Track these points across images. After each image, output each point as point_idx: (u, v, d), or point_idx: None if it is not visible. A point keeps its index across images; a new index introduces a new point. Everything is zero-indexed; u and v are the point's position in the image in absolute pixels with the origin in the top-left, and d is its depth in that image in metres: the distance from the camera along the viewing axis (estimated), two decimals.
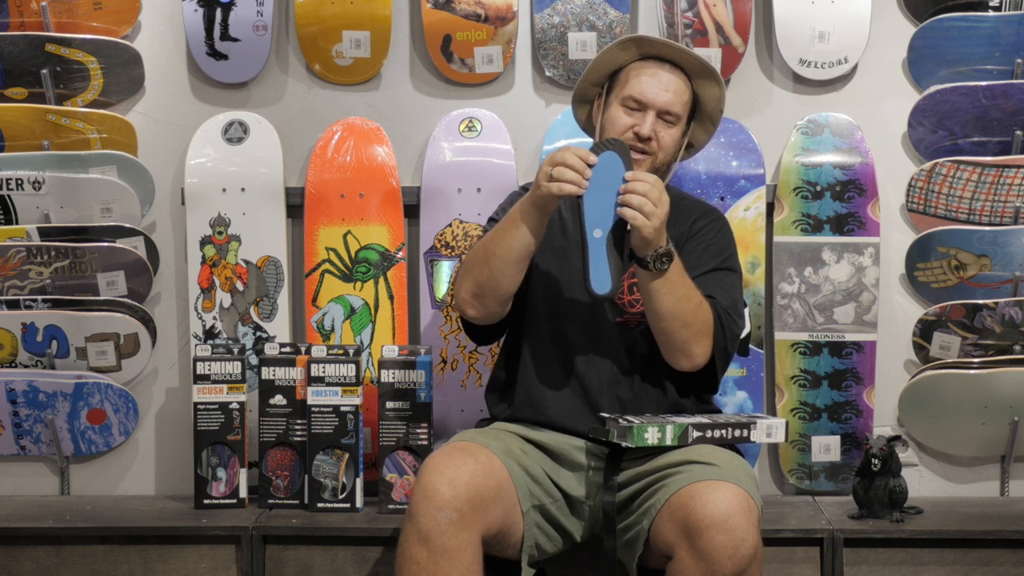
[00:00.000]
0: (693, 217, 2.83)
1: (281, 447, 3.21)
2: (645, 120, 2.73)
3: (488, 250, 2.65)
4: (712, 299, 2.69)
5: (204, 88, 3.46)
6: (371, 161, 3.38)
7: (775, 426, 2.72)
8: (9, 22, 3.37)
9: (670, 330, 2.63)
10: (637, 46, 2.79)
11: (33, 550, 3.07)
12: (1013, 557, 3.00)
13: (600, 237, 2.53)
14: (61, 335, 3.34)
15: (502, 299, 2.70)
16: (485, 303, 2.70)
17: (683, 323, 2.62)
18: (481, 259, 2.67)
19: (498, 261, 2.63)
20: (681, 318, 2.61)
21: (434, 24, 3.39)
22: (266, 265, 3.39)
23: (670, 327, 2.63)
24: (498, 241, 2.64)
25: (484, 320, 2.75)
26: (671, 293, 2.59)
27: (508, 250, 2.62)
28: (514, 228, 2.61)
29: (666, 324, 2.63)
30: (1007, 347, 3.31)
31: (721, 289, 2.74)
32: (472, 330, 2.83)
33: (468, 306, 2.72)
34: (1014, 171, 3.29)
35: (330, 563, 3.03)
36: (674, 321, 2.62)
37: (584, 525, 2.73)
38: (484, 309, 2.72)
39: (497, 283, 2.66)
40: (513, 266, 2.64)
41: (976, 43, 3.31)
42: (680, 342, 2.65)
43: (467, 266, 2.72)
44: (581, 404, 2.74)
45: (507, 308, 2.74)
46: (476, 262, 2.68)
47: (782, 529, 2.99)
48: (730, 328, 2.70)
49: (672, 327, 2.63)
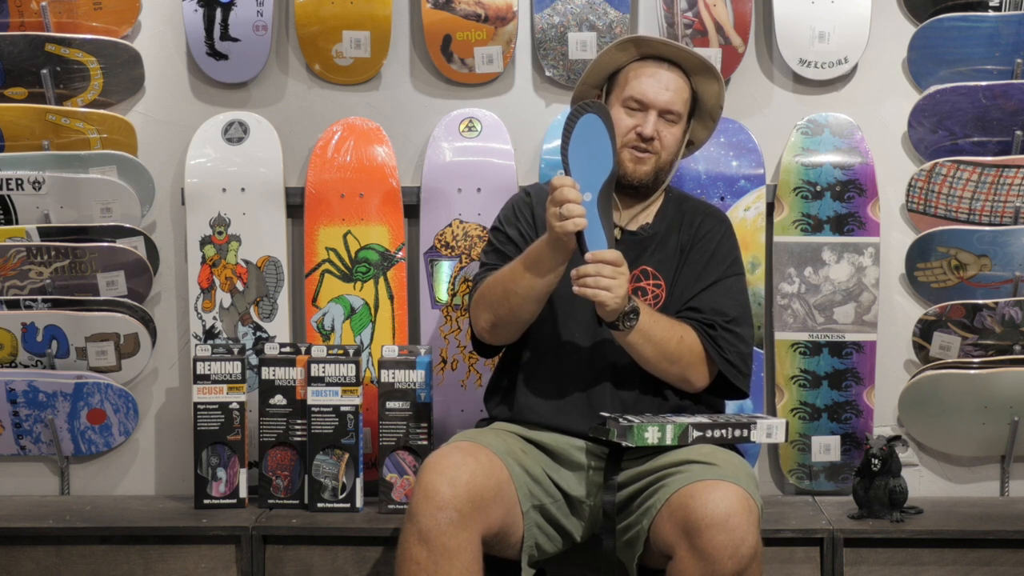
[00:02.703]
0: (696, 221, 2.84)
1: (281, 447, 3.21)
2: (647, 120, 2.73)
3: (509, 289, 2.67)
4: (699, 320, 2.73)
5: (204, 88, 3.46)
6: (371, 161, 3.38)
7: (775, 426, 2.72)
8: (9, 22, 3.37)
9: (661, 371, 2.71)
10: (636, 46, 2.79)
11: (33, 550, 3.07)
12: (1013, 557, 3.00)
13: (591, 200, 2.57)
14: (61, 335, 3.34)
15: (522, 329, 2.75)
16: (503, 334, 2.76)
17: (670, 361, 2.68)
18: (500, 296, 2.69)
19: (519, 299, 2.67)
20: (667, 358, 2.68)
21: (434, 24, 3.39)
22: (266, 265, 3.39)
23: (659, 369, 2.70)
24: (519, 281, 2.65)
25: (500, 344, 2.80)
26: (648, 342, 2.65)
27: (530, 290, 2.65)
28: (534, 272, 2.63)
29: (654, 367, 2.70)
30: (1007, 347, 3.31)
31: (729, 299, 2.77)
32: (480, 347, 2.86)
33: (486, 334, 2.77)
34: (1014, 171, 3.29)
35: (330, 563, 3.03)
36: (660, 363, 2.69)
37: (584, 525, 2.73)
38: (502, 338, 2.77)
39: (517, 318, 2.70)
40: (535, 304, 2.68)
41: (976, 43, 3.31)
42: (675, 377, 2.72)
43: (485, 300, 2.73)
44: (582, 405, 2.74)
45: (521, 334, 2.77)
46: (496, 299, 2.70)
47: (782, 529, 2.99)
48: (728, 343, 2.73)
49: (661, 368, 2.70)
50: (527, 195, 2.89)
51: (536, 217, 2.82)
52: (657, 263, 2.79)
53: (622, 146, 2.73)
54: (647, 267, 2.79)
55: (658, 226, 2.83)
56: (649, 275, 2.79)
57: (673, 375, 2.71)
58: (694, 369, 2.71)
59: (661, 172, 2.78)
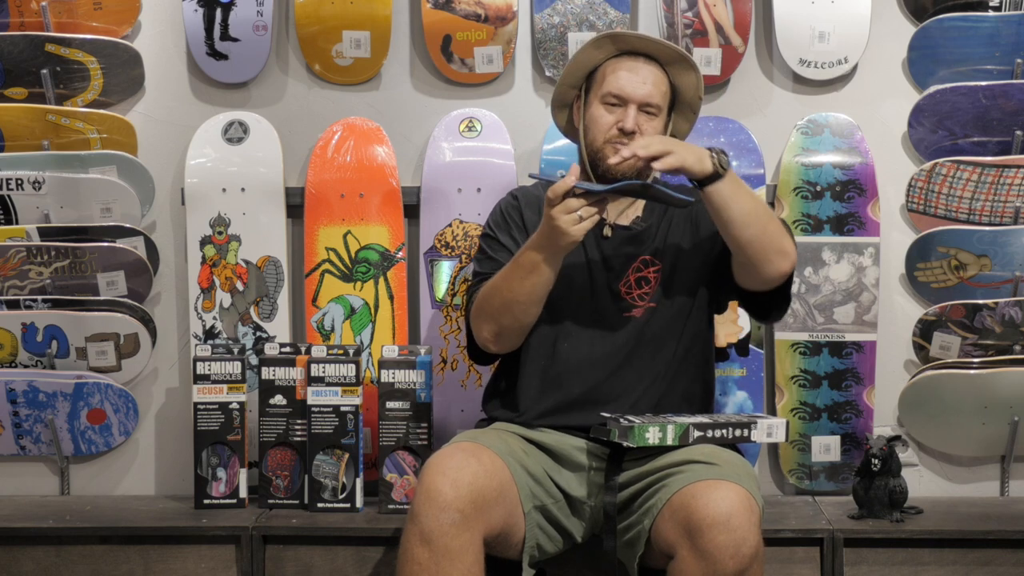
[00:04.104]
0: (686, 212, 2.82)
1: (281, 447, 3.21)
2: (627, 115, 2.74)
3: (508, 298, 2.67)
4: None
5: (204, 88, 3.46)
6: (371, 161, 3.38)
7: (775, 426, 2.72)
8: (9, 22, 3.37)
9: (762, 233, 2.60)
10: (612, 42, 2.80)
11: (33, 550, 3.06)
12: (1013, 557, 3.01)
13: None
14: (61, 335, 3.34)
15: (526, 332, 2.75)
16: (508, 341, 2.75)
17: (769, 216, 2.64)
18: (501, 307, 2.69)
19: (521, 306, 2.67)
20: (766, 213, 2.63)
21: (434, 24, 3.38)
22: (266, 265, 3.39)
23: (761, 226, 2.60)
24: (518, 288, 2.65)
25: (506, 352, 2.80)
26: (745, 192, 2.61)
27: (531, 295, 2.66)
28: (535, 276, 2.63)
29: (757, 224, 2.59)
30: (1007, 347, 3.31)
31: None
32: (479, 356, 2.86)
33: (491, 344, 2.76)
34: (1014, 171, 3.29)
35: (330, 563, 3.03)
36: (762, 218, 2.61)
37: (585, 525, 2.73)
38: (507, 346, 2.77)
39: (520, 323, 2.71)
40: (536, 306, 2.69)
41: (976, 43, 3.31)
42: (774, 238, 2.62)
43: (486, 312, 2.73)
44: (582, 404, 2.74)
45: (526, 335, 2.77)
46: (496, 309, 2.70)
47: (782, 529, 2.99)
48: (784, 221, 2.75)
49: (762, 225, 2.60)
50: (514, 199, 2.89)
51: (526, 220, 2.83)
52: (654, 252, 2.79)
53: (604, 142, 2.74)
54: (646, 256, 2.79)
55: (649, 218, 2.83)
56: (648, 264, 2.78)
57: (773, 233, 2.61)
58: (785, 234, 2.65)
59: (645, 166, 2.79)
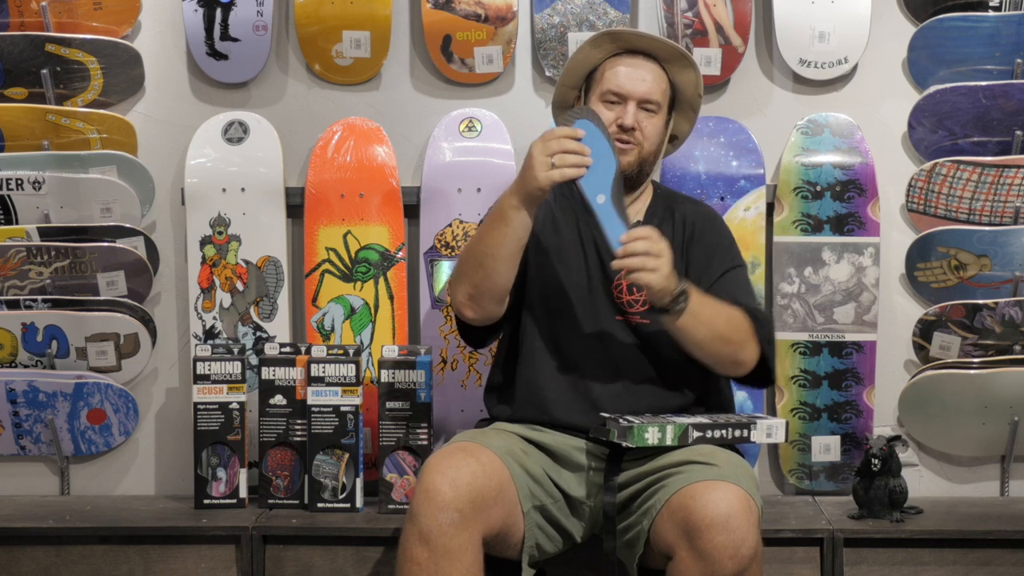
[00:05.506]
0: (689, 220, 2.83)
1: (281, 447, 3.21)
2: (627, 111, 2.74)
3: (480, 251, 2.66)
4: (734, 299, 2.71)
5: (204, 88, 3.46)
6: (371, 161, 3.38)
7: (775, 426, 2.72)
8: (9, 22, 3.37)
9: (715, 352, 2.66)
10: (611, 40, 2.80)
11: (33, 550, 3.06)
12: (1013, 557, 3.00)
13: (604, 201, 2.57)
14: (61, 335, 3.34)
15: (499, 298, 2.72)
16: (482, 304, 2.72)
17: (723, 341, 2.64)
18: (474, 262, 2.68)
19: (491, 261, 2.65)
20: (720, 338, 2.64)
21: (434, 24, 3.39)
22: (266, 265, 3.39)
23: (712, 350, 2.65)
24: (488, 241, 2.65)
25: (482, 321, 2.76)
26: (700, 323, 2.61)
27: (500, 248, 2.63)
28: (504, 226, 2.62)
29: (707, 349, 2.65)
30: (1007, 347, 3.31)
31: (737, 288, 2.77)
32: (468, 333, 2.84)
33: (466, 308, 2.73)
34: (1014, 171, 3.29)
35: (330, 563, 3.03)
36: (713, 344, 2.64)
37: (584, 525, 2.73)
38: (482, 310, 2.73)
39: (493, 282, 2.67)
40: (507, 263, 2.66)
41: (976, 43, 3.31)
42: (727, 358, 2.67)
43: (460, 270, 2.73)
44: (582, 403, 2.74)
45: (503, 307, 2.75)
46: (469, 266, 2.69)
47: (782, 529, 2.99)
48: (763, 318, 2.73)
49: (713, 350, 2.65)
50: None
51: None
52: None
53: None
54: None
55: (650, 220, 2.82)
56: None
57: (725, 356, 2.66)
58: (745, 348, 2.67)
59: (645, 163, 2.78)
